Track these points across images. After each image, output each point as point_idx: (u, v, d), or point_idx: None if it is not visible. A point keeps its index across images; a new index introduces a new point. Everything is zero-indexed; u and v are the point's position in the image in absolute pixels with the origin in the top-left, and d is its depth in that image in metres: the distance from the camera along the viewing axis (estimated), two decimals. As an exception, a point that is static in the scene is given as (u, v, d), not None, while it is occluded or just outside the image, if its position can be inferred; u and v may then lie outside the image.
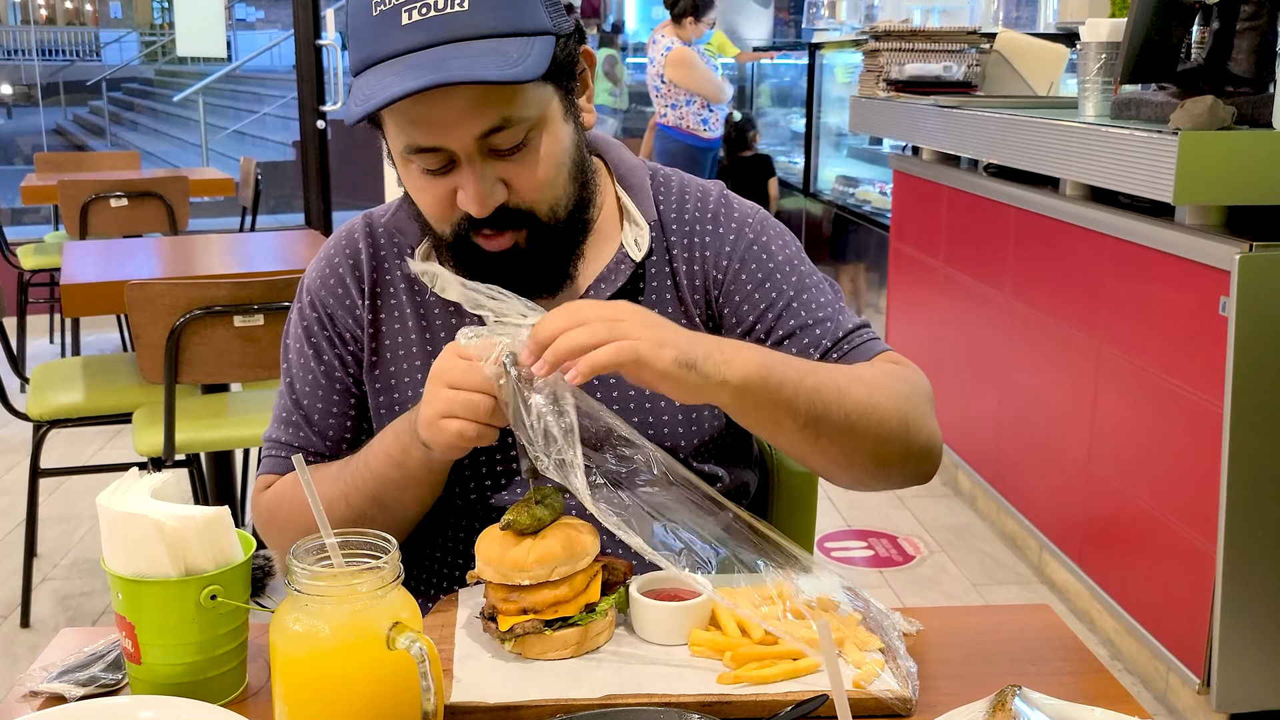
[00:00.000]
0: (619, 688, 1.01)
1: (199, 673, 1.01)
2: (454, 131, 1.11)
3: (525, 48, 1.10)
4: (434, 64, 1.07)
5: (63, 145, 11.98)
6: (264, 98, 12.37)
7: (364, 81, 1.11)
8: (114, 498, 1.02)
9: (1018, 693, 0.94)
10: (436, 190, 1.17)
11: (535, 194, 1.17)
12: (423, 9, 1.08)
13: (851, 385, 1.15)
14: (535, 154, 1.16)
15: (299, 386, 1.32)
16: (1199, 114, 2.32)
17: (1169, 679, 2.61)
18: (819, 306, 1.29)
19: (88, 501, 3.66)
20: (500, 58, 1.08)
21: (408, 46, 1.09)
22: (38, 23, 13.92)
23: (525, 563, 1.05)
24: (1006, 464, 3.48)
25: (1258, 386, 2.30)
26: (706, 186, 1.35)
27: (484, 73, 1.06)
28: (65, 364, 3.30)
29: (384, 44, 1.10)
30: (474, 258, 1.20)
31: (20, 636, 2.95)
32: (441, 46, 1.08)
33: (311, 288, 1.33)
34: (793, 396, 1.10)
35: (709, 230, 1.31)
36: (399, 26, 1.09)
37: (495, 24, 1.09)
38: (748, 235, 1.31)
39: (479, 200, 1.14)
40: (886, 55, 4.12)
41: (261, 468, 1.34)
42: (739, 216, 1.33)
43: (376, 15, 1.10)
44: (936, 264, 3.97)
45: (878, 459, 1.18)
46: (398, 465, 1.18)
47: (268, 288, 2.61)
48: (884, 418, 1.16)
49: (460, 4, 1.08)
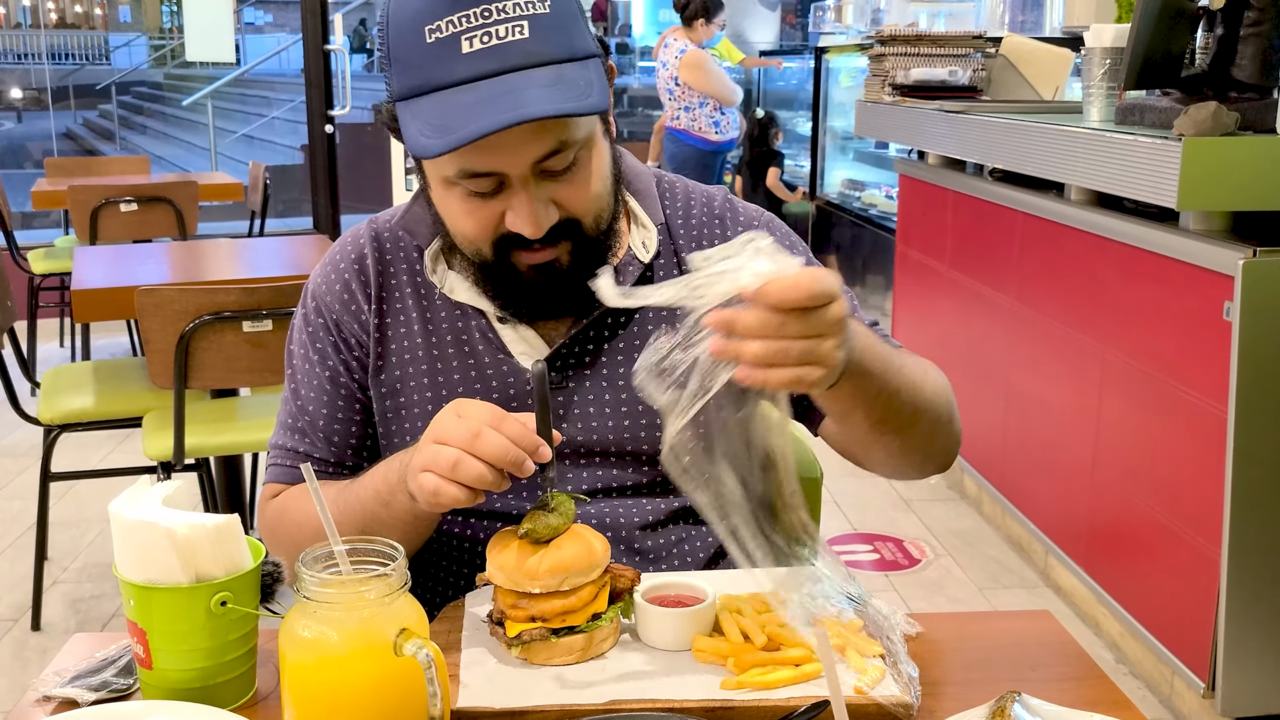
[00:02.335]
0: (623, 694, 1.03)
1: (209, 678, 1.03)
2: (514, 157, 1.12)
3: (584, 74, 1.12)
4: (510, 96, 1.07)
5: (73, 149, 12.02)
6: (272, 102, 12.41)
7: (429, 109, 1.11)
8: (126, 506, 1.03)
9: (1017, 699, 0.96)
10: (484, 213, 1.17)
11: (584, 210, 1.19)
12: (484, 37, 1.09)
13: (923, 381, 1.20)
14: (585, 172, 1.18)
15: (304, 392, 1.33)
16: (1203, 120, 2.32)
17: (1174, 683, 2.61)
18: None
19: (98, 505, 3.68)
20: (568, 88, 1.09)
21: (474, 75, 1.09)
22: (47, 27, 13.98)
23: (537, 572, 1.06)
24: (1012, 468, 3.48)
25: (1262, 391, 2.31)
26: (711, 192, 1.38)
27: (563, 106, 1.08)
28: (75, 369, 3.32)
29: (446, 71, 1.10)
30: (509, 275, 1.21)
31: (32, 640, 2.97)
32: (507, 75, 1.09)
33: (317, 294, 1.34)
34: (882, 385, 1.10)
35: (715, 232, 1.33)
36: (460, 54, 1.09)
37: (553, 50, 1.11)
38: None
39: (534, 222, 1.15)
40: (892, 60, 4.12)
41: (268, 475, 1.35)
42: (745, 219, 1.35)
43: (432, 42, 1.10)
44: (942, 268, 3.98)
45: (922, 451, 1.26)
46: (384, 505, 1.17)
47: (276, 293, 2.63)
48: (939, 413, 1.23)
49: (520, 32, 1.09)
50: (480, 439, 1.03)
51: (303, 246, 3.90)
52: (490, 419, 1.05)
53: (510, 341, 1.28)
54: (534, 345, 1.28)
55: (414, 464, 1.08)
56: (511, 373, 1.27)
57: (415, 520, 1.16)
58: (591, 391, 1.28)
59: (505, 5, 1.09)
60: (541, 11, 1.10)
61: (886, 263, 4.80)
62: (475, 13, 1.09)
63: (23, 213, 7.01)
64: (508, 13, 1.09)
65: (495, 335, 1.28)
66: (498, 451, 1.03)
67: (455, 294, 1.27)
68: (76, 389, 3.07)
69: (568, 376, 1.28)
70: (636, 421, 1.28)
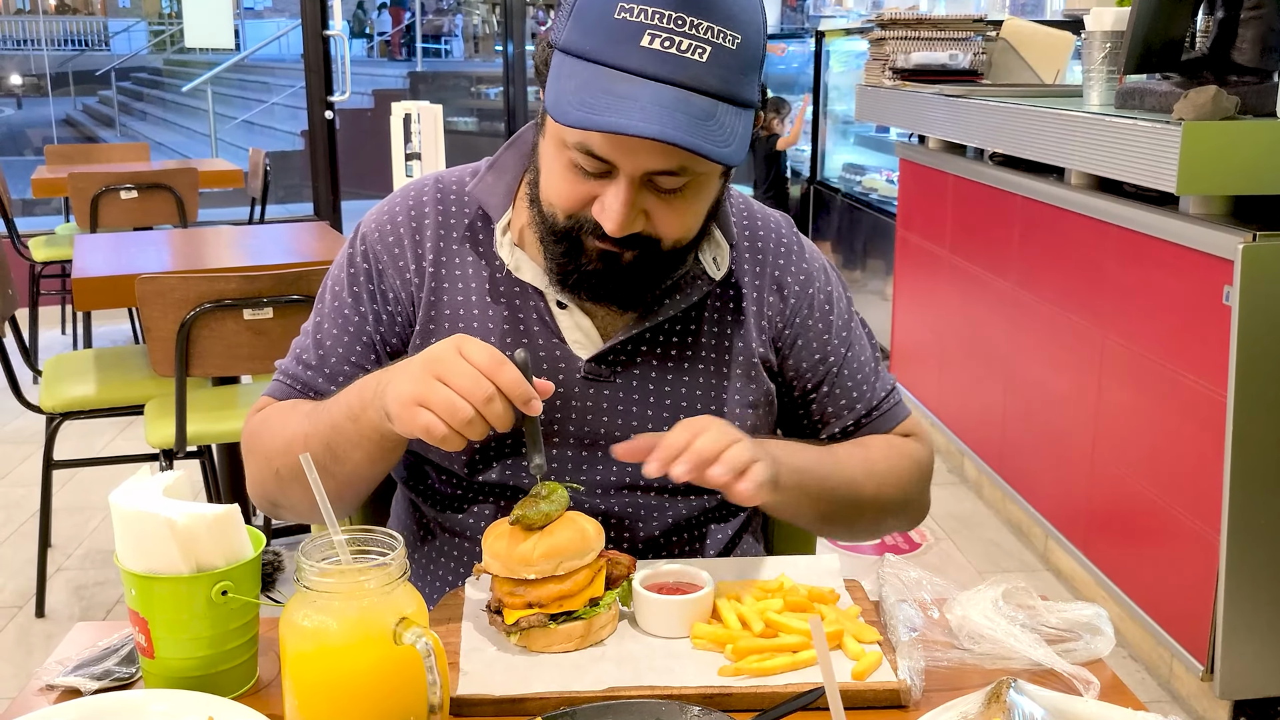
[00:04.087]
0: (622, 680, 1.03)
1: (211, 666, 1.03)
2: (633, 159, 1.12)
3: (735, 122, 1.11)
4: (662, 110, 1.07)
5: (73, 136, 12.02)
6: (272, 87, 12.40)
7: (585, 77, 1.10)
8: (126, 496, 1.04)
9: (1013, 684, 0.96)
10: (580, 188, 1.17)
11: (668, 235, 1.19)
12: (665, 42, 1.08)
13: (865, 480, 1.30)
14: (687, 201, 1.18)
15: (326, 327, 1.31)
16: (1202, 104, 2.32)
17: (1173, 666, 2.63)
18: (859, 367, 1.37)
19: (100, 493, 3.69)
20: (716, 129, 1.09)
21: (641, 70, 1.08)
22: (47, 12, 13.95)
23: (531, 558, 1.07)
24: (1012, 452, 3.49)
25: (1261, 375, 2.31)
26: (776, 218, 1.39)
27: (704, 146, 1.08)
28: (77, 356, 3.32)
29: (618, 53, 1.09)
30: (572, 247, 1.20)
31: (36, 626, 2.99)
32: (671, 88, 1.08)
33: (368, 238, 1.32)
34: (817, 495, 1.25)
35: (779, 265, 1.34)
36: (638, 46, 1.08)
37: (720, 87, 1.10)
38: (818, 282, 1.36)
39: (618, 223, 1.14)
40: (892, 44, 4.11)
41: (265, 390, 1.35)
42: (810, 258, 1.37)
43: (619, 19, 1.08)
44: (942, 252, 3.98)
45: (873, 533, 1.41)
46: (353, 419, 1.16)
47: (277, 281, 2.63)
48: (886, 504, 1.34)
49: (700, 55, 1.09)
50: (492, 403, 1.04)
51: (303, 234, 3.90)
52: (489, 365, 1.05)
53: (566, 329, 1.27)
54: (589, 336, 1.28)
55: (404, 392, 1.07)
56: (564, 358, 1.27)
57: (381, 440, 1.15)
58: (637, 391, 1.28)
59: (700, 25, 1.08)
60: (728, 46, 1.10)
61: (887, 247, 4.80)
62: (672, 15, 1.08)
63: (23, 200, 7.01)
64: (699, 33, 1.08)
65: (552, 319, 1.27)
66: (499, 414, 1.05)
67: (520, 272, 1.27)
68: (78, 377, 3.08)
69: (615, 372, 1.28)
70: (676, 417, 1.27)
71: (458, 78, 13.77)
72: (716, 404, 1.29)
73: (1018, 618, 1.12)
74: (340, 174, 6.25)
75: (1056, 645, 1.09)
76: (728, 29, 1.09)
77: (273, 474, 1.27)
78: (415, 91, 12.23)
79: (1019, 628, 1.10)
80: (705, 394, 1.29)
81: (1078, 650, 1.10)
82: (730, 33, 1.10)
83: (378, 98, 10.77)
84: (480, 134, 10.86)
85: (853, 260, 5.64)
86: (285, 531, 3.36)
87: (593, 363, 1.27)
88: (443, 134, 4.18)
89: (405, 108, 4.12)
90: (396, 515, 1.44)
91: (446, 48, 15.52)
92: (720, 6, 1.09)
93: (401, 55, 15.06)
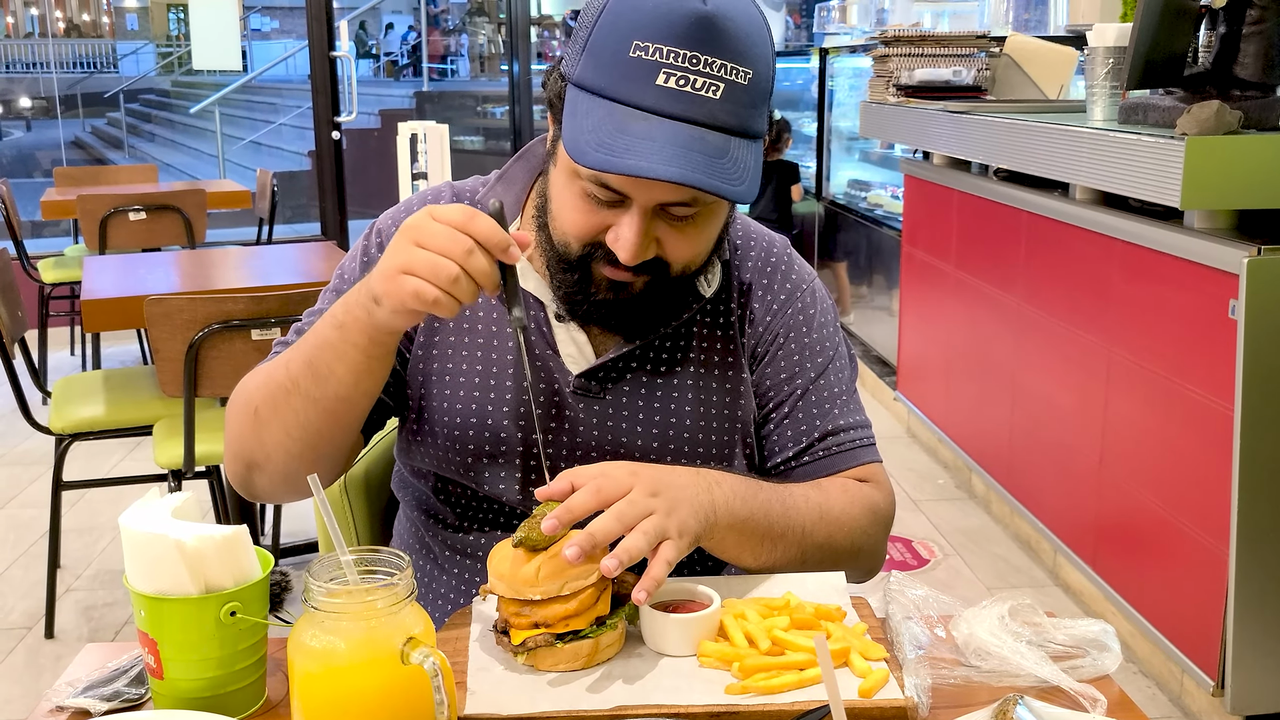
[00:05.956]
0: (629, 699, 1.03)
1: (220, 687, 1.04)
2: (646, 192, 1.14)
3: (747, 155, 1.13)
4: (677, 150, 1.08)
5: (82, 158, 12.08)
6: (279, 108, 12.45)
7: (600, 115, 1.11)
8: (135, 518, 1.05)
9: (1020, 701, 0.96)
10: (592, 218, 1.18)
11: (680, 261, 1.21)
12: (680, 80, 1.09)
13: (816, 526, 1.26)
14: (698, 230, 1.19)
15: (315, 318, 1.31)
16: (1205, 119, 2.33)
17: (1184, 681, 2.62)
18: (830, 396, 1.35)
19: (109, 513, 3.70)
20: (730, 165, 1.10)
21: (656, 109, 1.09)
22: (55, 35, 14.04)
23: (536, 578, 1.07)
24: (1020, 467, 3.49)
25: (1267, 389, 2.31)
26: (770, 236, 1.40)
27: (719, 185, 1.09)
28: (86, 378, 3.34)
29: (633, 91, 1.10)
30: (584, 279, 1.22)
31: (45, 648, 2.99)
32: (686, 125, 1.09)
33: (385, 232, 1.34)
34: (760, 540, 1.22)
35: (764, 283, 1.35)
36: (653, 85, 1.09)
37: (733, 122, 1.12)
38: (799, 303, 1.36)
39: (632, 253, 1.16)
40: (896, 60, 4.13)
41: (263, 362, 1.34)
42: (796, 278, 1.37)
43: (634, 57, 1.09)
44: (948, 268, 3.98)
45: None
46: (338, 326, 1.14)
47: (284, 301, 2.64)
48: (837, 551, 1.28)
49: (715, 92, 1.10)
50: (473, 255, 1.05)
51: (310, 254, 3.92)
52: (463, 220, 1.06)
53: (561, 341, 1.29)
54: (583, 351, 1.29)
55: (387, 265, 1.07)
56: (556, 370, 1.29)
57: (369, 344, 1.14)
58: (626, 407, 1.29)
59: (715, 63, 1.09)
60: (741, 83, 1.11)
61: (892, 263, 4.81)
62: (687, 55, 1.09)
63: (32, 222, 7.04)
64: (713, 70, 1.09)
65: (549, 331, 1.29)
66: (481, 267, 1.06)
67: (524, 281, 1.28)
68: (87, 398, 3.09)
69: (605, 387, 1.29)
70: (665, 433, 1.30)
71: (464, 97, 13.81)
72: (704, 419, 1.31)
73: (1024, 634, 1.12)
74: (347, 194, 6.27)
75: (1063, 662, 1.09)
76: (740, 65, 1.11)
77: (251, 414, 1.24)
78: (421, 111, 12.28)
79: (1025, 644, 1.10)
80: (694, 410, 1.30)
81: (1084, 667, 1.09)
82: (742, 69, 1.11)
83: (384, 118, 10.81)
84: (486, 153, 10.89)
85: (858, 276, 5.65)
86: (293, 551, 3.36)
87: (583, 378, 1.28)
88: (449, 153, 4.20)
89: (411, 127, 4.14)
90: (399, 536, 1.45)
91: (452, 67, 15.59)
92: (733, 43, 1.10)
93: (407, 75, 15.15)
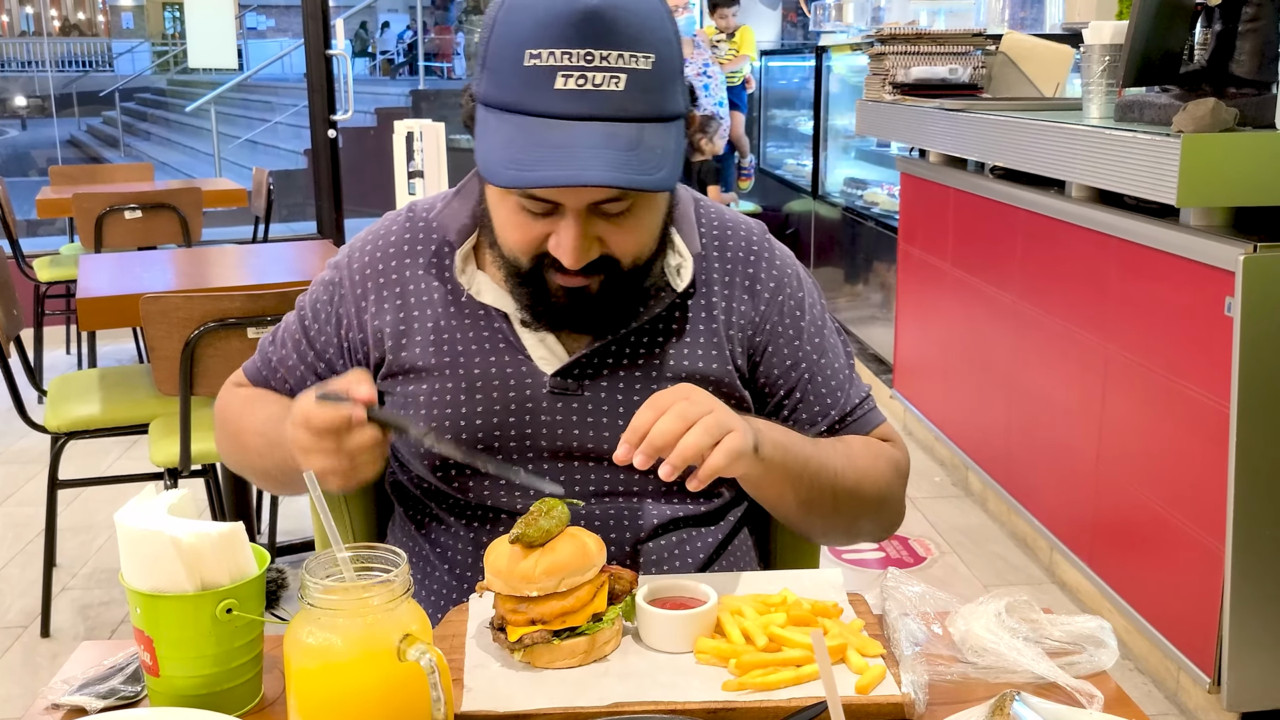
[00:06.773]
0: (626, 695, 1.03)
1: (216, 684, 1.04)
2: (575, 196, 1.14)
3: (663, 139, 1.12)
4: (587, 152, 1.07)
5: (77, 156, 12.07)
6: (275, 107, 12.44)
7: (508, 131, 1.10)
8: (131, 515, 1.04)
9: (1017, 697, 0.96)
10: (531, 230, 1.18)
11: (626, 254, 1.20)
12: (579, 80, 1.08)
13: (846, 470, 1.29)
14: (636, 220, 1.19)
15: (279, 338, 1.41)
16: (1201, 116, 2.33)
17: (1180, 678, 2.62)
18: (834, 373, 1.37)
19: (106, 512, 3.69)
20: (645, 154, 1.09)
21: (560, 113, 1.08)
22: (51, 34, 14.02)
23: (533, 575, 1.07)
24: (1016, 465, 3.49)
25: (1263, 386, 2.31)
26: (749, 224, 1.39)
27: (633, 179, 1.08)
28: (82, 376, 3.33)
29: (534, 99, 1.09)
30: (539, 288, 1.22)
31: (41, 646, 2.99)
32: (594, 124, 1.08)
33: (340, 263, 1.38)
34: (799, 474, 1.23)
35: (749, 271, 1.34)
36: (552, 89, 1.08)
37: (642, 109, 1.10)
38: (789, 288, 1.36)
39: (574, 257, 1.16)
40: (892, 58, 4.13)
41: (245, 363, 1.46)
42: (781, 263, 1.37)
43: (529, 66, 1.08)
44: (944, 266, 3.98)
45: (849, 531, 1.39)
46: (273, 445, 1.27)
47: (281, 299, 2.64)
48: (865, 499, 1.32)
49: (616, 84, 1.08)
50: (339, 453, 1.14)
51: (306, 252, 3.91)
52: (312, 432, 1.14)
53: (530, 345, 1.29)
54: (554, 351, 1.29)
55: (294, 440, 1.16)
56: (530, 374, 1.29)
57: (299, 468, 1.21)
58: (605, 403, 1.29)
59: (610, 55, 1.08)
60: (643, 68, 1.09)
61: (889, 261, 4.81)
62: (578, 54, 1.07)
63: (28, 220, 7.03)
64: (610, 62, 1.08)
65: (516, 338, 1.29)
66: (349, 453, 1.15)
67: (482, 296, 1.29)
68: (83, 396, 3.08)
69: (583, 385, 1.29)
70: None
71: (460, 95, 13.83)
72: None
73: (1021, 631, 1.12)
74: (343, 192, 6.26)
75: (1060, 658, 1.09)
76: (638, 51, 1.09)
77: (231, 437, 1.41)
78: (418, 109, 12.27)
79: (1022, 641, 1.10)
80: None
81: (1081, 663, 1.10)
82: (642, 54, 1.09)
83: (380, 116, 10.81)
84: (482, 151, 10.88)
85: (855, 274, 5.65)
86: (290, 549, 3.36)
87: (558, 377, 1.28)
88: (445, 151, 4.19)
89: (408, 126, 4.13)
90: (394, 533, 1.45)
91: (449, 65, 15.59)
92: (626, 31, 1.08)
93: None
